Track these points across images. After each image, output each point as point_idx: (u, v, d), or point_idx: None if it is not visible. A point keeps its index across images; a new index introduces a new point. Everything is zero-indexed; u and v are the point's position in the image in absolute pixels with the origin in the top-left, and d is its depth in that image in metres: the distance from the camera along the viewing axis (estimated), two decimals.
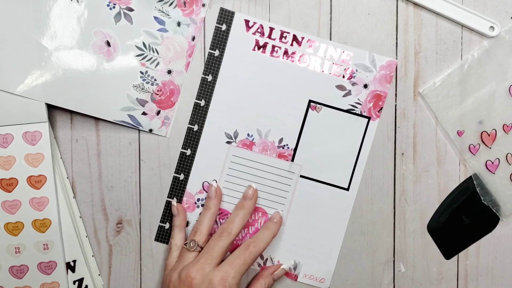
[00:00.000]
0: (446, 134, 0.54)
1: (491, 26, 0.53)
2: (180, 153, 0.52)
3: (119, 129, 0.52)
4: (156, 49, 0.51)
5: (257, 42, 0.52)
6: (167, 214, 0.53)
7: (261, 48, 0.52)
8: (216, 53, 0.52)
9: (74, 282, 0.52)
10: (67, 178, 0.52)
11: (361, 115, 0.52)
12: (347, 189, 0.53)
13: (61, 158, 0.52)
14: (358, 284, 0.54)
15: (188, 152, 0.52)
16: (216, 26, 0.52)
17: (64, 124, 0.52)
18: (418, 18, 0.53)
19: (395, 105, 0.53)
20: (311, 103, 0.52)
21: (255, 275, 0.53)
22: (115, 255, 0.53)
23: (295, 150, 0.52)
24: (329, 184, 0.53)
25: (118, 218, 0.53)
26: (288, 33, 0.52)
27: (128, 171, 0.53)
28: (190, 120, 0.52)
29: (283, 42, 0.52)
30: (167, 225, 0.53)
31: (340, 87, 0.52)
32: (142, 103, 0.51)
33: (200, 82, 0.52)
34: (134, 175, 0.53)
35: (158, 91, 0.51)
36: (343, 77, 0.52)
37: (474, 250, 0.55)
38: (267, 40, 0.52)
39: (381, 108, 0.52)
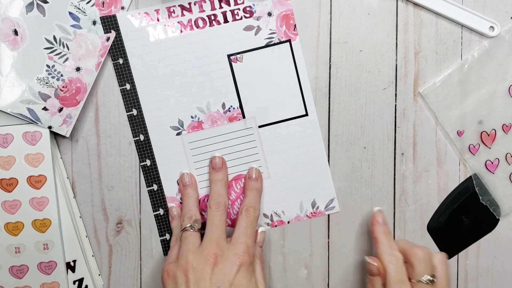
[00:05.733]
0: (446, 134, 0.54)
1: (491, 26, 0.53)
2: (141, 167, 0.52)
3: (119, 129, 0.52)
4: (67, 44, 0.50)
5: (150, 30, 0.51)
6: (162, 227, 0.53)
7: (158, 33, 0.51)
8: (121, 61, 0.51)
9: (74, 282, 0.52)
10: (67, 178, 0.52)
11: (280, 42, 0.52)
12: (307, 114, 0.53)
13: (61, 158, 0.52)
14: (357, 283, 0.54)
15: (148, 162, 0.52)
16: (105, 36, 0.51)
17: None
18: (418, 18, 0.53)
19: (395, 105, 0.53)
20: (231, 57, 0.52)
21: None
22: (115, 255, 0.53)
23: (241, 107, 0.52)
24: (288, 119, 0.53)
25: (118, 218, 0.53)
26: (174, 6, 0.51)
27: (128, 171, 0.53)
28: (133, 133, 0.52)
29: (174, 17, 0.51)
30: (167, 236, 0.53)
31: (248, 28, 0.52)
32: (45, 97, 0.49)
33: (122, 94, 0.52)
34: (134, 175, 0.53)
35: (63, 87, 0.50)
36: (245, 17, 0.52)
37: (474, 250, 0.55)
38: (157, 23, 0.51)
39: (295, 26, 0.52)
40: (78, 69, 0.50)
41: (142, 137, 0.52)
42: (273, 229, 0.54)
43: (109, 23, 0.51)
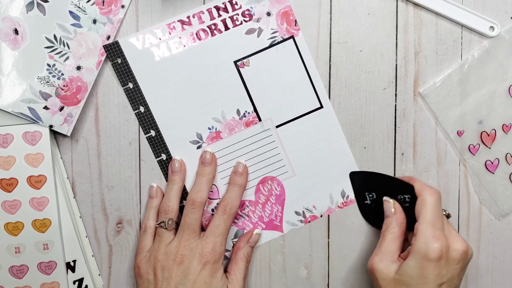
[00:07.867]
0: (446, 134, 0.54)
1: (491, 26, 0.53)
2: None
3: (119, 129, 0.52)
4: (67, 43, 0.50)
5: (154, 50, 0.51)
6: None
7: (162, 52, 0.51)
8: (131, 85, 0.51)
9: (74, 282, 0.52)
10: (67, 178, 0.52)
11: (284, 40, 0.52)
12: (321, 107, 0.53)
13: (61, 158, 0.52)
14: (357, 283, 0.54)
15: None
16: (111, 64, 0.51)
17: None
18: (418, 18, 0.53)
19: (395, 105, 0.54)
20: (237, 63, 0.52)
21: (233, 247, 0.53)
22: (115, 255, 0.53)
23: (255, 110, 0.52)
24: (304, 115, 0.53)
25: (118, 218, 0.53)
26: (174, 22, 0.51)
27: (128, 171, 0.53)
28: (154, 154, 0.52)
29: (175, 33, 0.51)
30: None
31: (250, 31, 0.52)
32: (46, 96, 0.49)
33: (138, 117, 0.52)
34: (134, 175, 0.53)
35: (64, 86, 0.50)
36: (245, 21, 0.52)
37: (474, 250, 0.55)
38: (160, 42, 0.51)
39: (296, 21, 0.52)
40: (78, 68, 0.50)
41: (164, 156, 0.52)
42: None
43: (113, 50, 0.51)
